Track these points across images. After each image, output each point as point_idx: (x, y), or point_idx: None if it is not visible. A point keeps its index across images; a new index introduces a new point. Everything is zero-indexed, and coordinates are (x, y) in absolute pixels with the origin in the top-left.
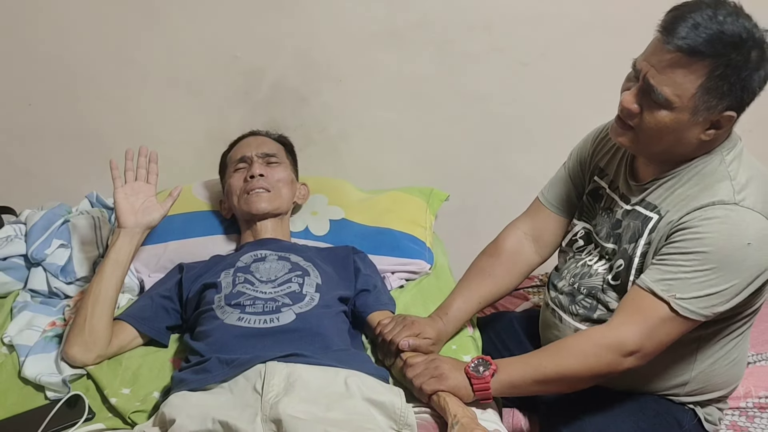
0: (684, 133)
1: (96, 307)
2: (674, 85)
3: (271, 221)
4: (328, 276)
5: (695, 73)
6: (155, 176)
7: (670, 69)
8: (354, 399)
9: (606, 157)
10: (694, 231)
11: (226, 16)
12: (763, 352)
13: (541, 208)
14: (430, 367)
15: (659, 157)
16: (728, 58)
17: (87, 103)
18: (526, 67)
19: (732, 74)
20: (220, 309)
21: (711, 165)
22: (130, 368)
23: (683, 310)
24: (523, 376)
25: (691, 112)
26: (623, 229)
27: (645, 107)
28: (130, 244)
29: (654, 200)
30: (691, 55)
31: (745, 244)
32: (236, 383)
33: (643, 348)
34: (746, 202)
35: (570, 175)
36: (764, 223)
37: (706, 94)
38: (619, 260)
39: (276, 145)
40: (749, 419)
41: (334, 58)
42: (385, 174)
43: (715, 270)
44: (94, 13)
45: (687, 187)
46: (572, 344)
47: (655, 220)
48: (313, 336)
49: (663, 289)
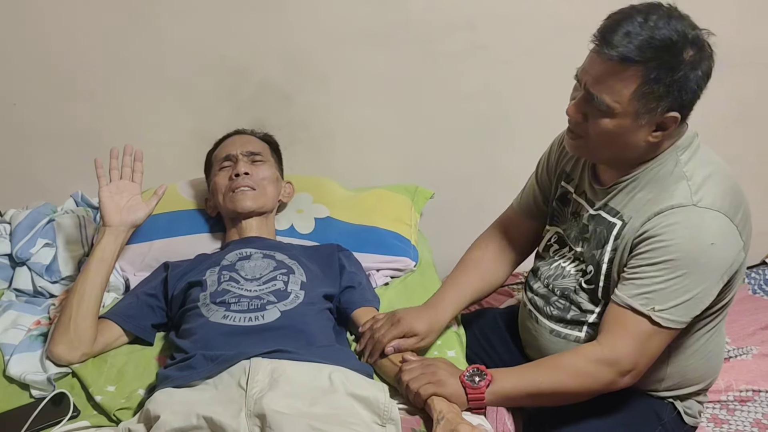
0: (630, 137)
1: (81, 305)
2: (612, 93)
3: (256, 219)
4: (313, 274)
5: (630, 79)
6: (140, 175)
7: (606, 77)
8: (338, 394)
9: (571, 162)
10: (658, 239)
11: (211, 16)
12: (743, 346)
13: (514, 214)
14: (427, 372)
15: (614, 162)
16: (660, 62)
17: (73, 103)
18: (509, 66)
19: (665, 77)
20: (206, 307)
21: (666, 167)
22: (115, 366)
23: (665, 321)
24: (518, 389)
25: (633, 117)
26: (590, 234)
27: (590, 115)
28: (115, 243)
29: (616, 205)
30: (623, 62)
31: (708, 244)
32: (221, 379)
33: (638, 366)
34: (704, 202)
35: (539, 181)
36: (724, 220)
37: (643, 98)
38: (589, 266)
39: (261, 144)
40: (730, 412)
41: (319, 58)
42: (370, 172)
43: (687, 275)
44: (80, 12)
45: (646, 192)
46: (567, 362)
47: (619, 227)
48: (298, 333)
49: (642, 304)
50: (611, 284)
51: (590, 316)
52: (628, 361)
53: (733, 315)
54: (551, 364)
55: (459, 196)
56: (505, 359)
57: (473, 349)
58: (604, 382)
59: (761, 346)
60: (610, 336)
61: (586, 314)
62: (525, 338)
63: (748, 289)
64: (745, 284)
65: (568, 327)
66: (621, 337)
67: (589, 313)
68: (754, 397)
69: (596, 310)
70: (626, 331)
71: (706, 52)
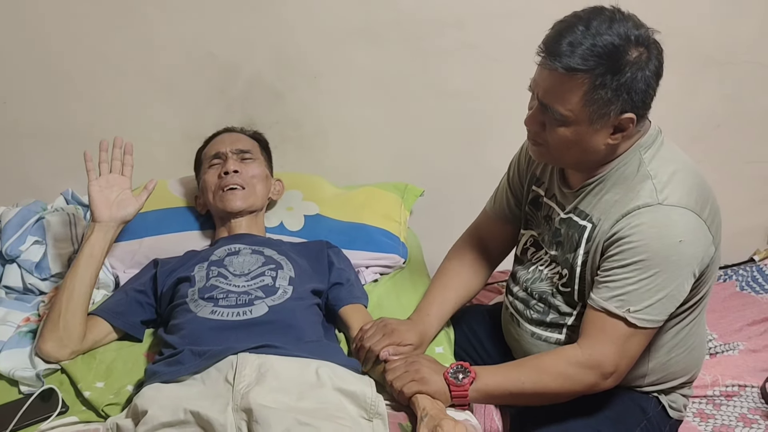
0: (588, 142)
1: (70, 302)
2: (563, 102)
3: (246, 218)
4: (302, 269)
5: (577, 88)
6: (130, 168)
7: (555, 88)
8: (325, 389)
9: (540, 165)
10: (627, 241)
11: (201, 14)
12: (730, 342)
13: (488, 218)
14: (410, 370)
15: (578, 166)
16: (604, 68)
17: (62, 101)
18: (499, 64)
19: (610, 82)
20: (194, 302)
21: (631, 167)
22: (104, 362)
23: (641, 321)
24: (502, 387)
25: (587, 123)
26: (563, 237)
27: (547, 124)
28: (104, 239)
29: (585, 208)
30: (569, 72)
31: (677, 242)
32: (208, 374)
33: (619, 367)
34: (669, 200)
35: (510, 185)
36: (691, 217)
37: (593, 104)
38: (564, 269)
39: (250, 142)
40: (716, 407)
41: (309, 56)
42: (360, 170)
43: (658, 274)
44: (70, 10)
45: (613, 193)
46: (548, 363)
47: (590, 229)
48: (286, 328)
49: (617, 306)
50: (586, 287)
51: (569, 318)
52: (609, 364)
53: (720, 311)
54: (534, 364)
55: (449, 193)
56: (493, 355)
57: (462, 345)
58: (586, 385)
59: (748, 342)
60: (589, 340)
61: (565, 317)
62: (509, 342)
63: (736, 286)
64: (732, 281)
65: (548, 330)
66: (600, 341)
67: (567, 316)
68: (740, 392)
69: (574, 312)
70: (604, 335)
71: (654, 49)
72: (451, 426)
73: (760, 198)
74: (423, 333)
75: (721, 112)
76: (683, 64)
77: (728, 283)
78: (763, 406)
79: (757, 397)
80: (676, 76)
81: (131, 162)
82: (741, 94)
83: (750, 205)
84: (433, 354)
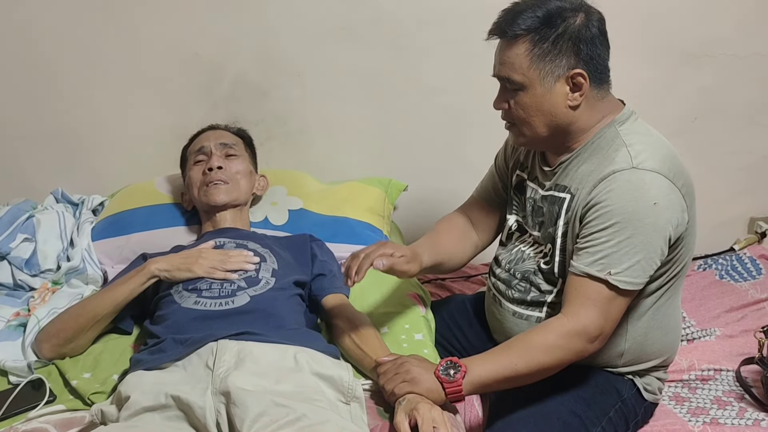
0: (548, 105)
1: (96, 325)
2: (514, 68)
3: (230, 212)
4: (285, 262)
5: (522, 49)
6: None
7: (506, 57)
8: (303, 373)
9: (524, 151)
10: (602, 205)
11: (185, 14)
12: (707, 328)
13: (475, 200)
14: (400, 371)
15: (554, 143)
16: (542, 26)
17: (51, 101)
18: (479, 58)
19: (549, 34)
20: (178, 293)
21: (606, 137)
22: (92, 354)
23: (621, 283)
24: (495, 375)
25: (539, 83)
26: (545, 214)
27: (510, 101)
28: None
29: (563, 181)
30: (514, 38)
31: (651, 204)
32: (189, 361)
33: (604, 330)
34: (644, 165)
35: (497, 170)
36: (664, 182)
37: (538, 61)
38: (547, 244)
39: (235, 138)
40: (691, 390)
41: (293, 54)
42: (345, 167)
43: (635, 235)
44: (56, 11)
45: (589, 164)
46: (538, 340)
47: (569, 200)
48: (267, 316)
49: (598, 270)
50: (567, 258)
51: (549, 296)
52: (594, 328)
53: (699, 299)
54: (523, 344)
55: (433, 188)
56: (473, 343)
57: (442, 334)
58: (576, 351)
59: (725, 328)
60: (573, 306)
61: (545, 294)
62: (491, 323)
63: (716, 275)
64: (712, 270)
65: (530, 308)
66: (583, 306)
67: (548, 294)
68: (716, 375)
69: (554, 290)
70: (587, 299)
71: (593, 13)
72: (427, 409)
73: (740, 189)
74: (415, 253)
75: (698, 104)
76: (660, 59)
77: (708, 272)
78: (737, 389)
79: (732, 381)
80: (654, 70)
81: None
82: (718, 86)
83: (730, 195)
84: (413, 341)
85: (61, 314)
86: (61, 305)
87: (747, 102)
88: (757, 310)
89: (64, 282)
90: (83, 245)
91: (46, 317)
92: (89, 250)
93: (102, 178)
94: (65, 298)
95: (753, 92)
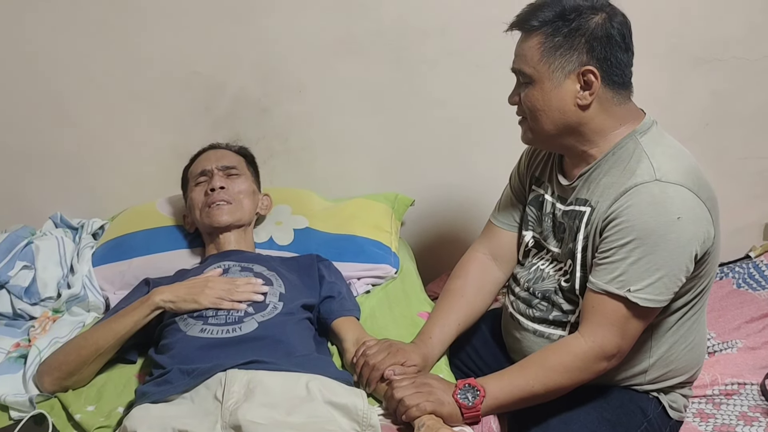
0: (556, 100)
1: (99, 358)
2: (526, 61)
3: (234, 233)
4: (292, 284)
5: (535, 42)
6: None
7: (519, 50)
8: (315, 402)
9: (540, 166)
10: (623, 220)
11: (183, 31)
12: (728, 340)
13: (495, 228)
14: (423, 390)
15: (564, 143)
16: (559, 19)
17: (49, 124)
18: (483, 70)
19: (563, 27)
20: (183, 321)
21: (627, 149)
22: (95, 386)
23: (642, 301)
24: (512, 396)
25: (549, 77)
26: (565, 230)
27: (521, 94)
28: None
29: (584, 195)
30: (529, 30)
31: (674, 219)
32: (197, 393)
33: (621, 348)
34: (668, 177)
35: (514, 192)
36: (688, 194)
37: (549, 55)
38: (567, 261)
39: (236, 157)
40: (716, 406)
41: (294, 69)
42: (349, 182)
43: (657, 252)
44: (55, 34)
45: (610, 176)
46: (554, 360)
47: (588, 213)
48: (276, 343)
49: (617, 288)
50: (587, 274)
51: (572, 316)
52: (611, 347)
53: (718, 310)
54: (539, 365)
55: (440, 202)
56: (489, 363)
57: (457, 353)
58: (593, 371)
59: (746, 340)
60: (590, 326)
61: (568, 314)
62: (509, 342)
63: (733, 284)
64: (729, 279)
65: (552, 327)
66: (601, 325)
67: (570, 314)
68: (740, 390)
69: (577, 310)
70: (605, 318)
71: (616, 15)
72: None
73: (754, 194)
74: (426, 355)
75: (710, 110)
76: (671, 64)
77: (725, 281)
78: (763, 404)
79: (757, 395)
80: (665, 76)
81: None
82: (729, 90)
83: (744, 201)
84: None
85: (63, 346)
86: (62, 334)
87: (758, 106)
88: None
89: (65, 310)
90: (84, 271)
91: (48, 348)
92: (90, 277)
93: (102, 200)
94: (66, 326)
95: (764, 96)
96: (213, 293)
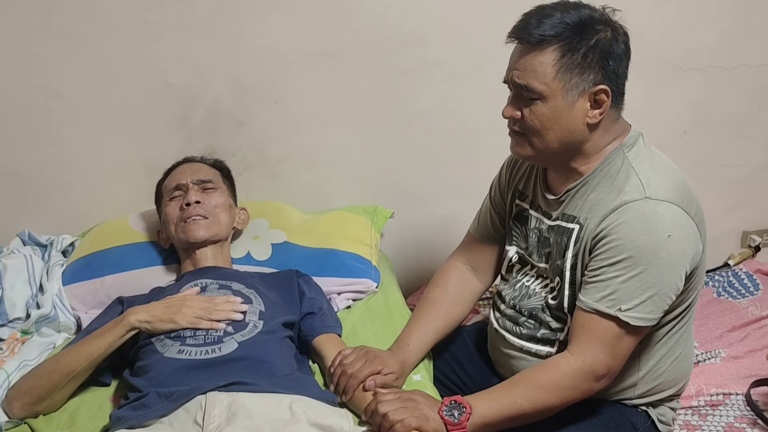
0: (567, 119)
1: (71, 381)
2: (537, 76)
3: (210, 248)
4: (272, 302)
5: (549, 58)
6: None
7: (528, 63)
8: (300, 424)
9: (523, 179)
10: (613, 238)
11: (156, 44)
12: (712, 350)
13: (474, 241)
14: (408, 405)
15: (561, 161)
16: (574, 35)
17: (16, 140)
18: (462, 80)
19: (581, 45)
20: (160, 342)
21: (614, 165)
22: (67, 410)
23: (632, 320)
24: (499, 415)
25: (562, 95)
26: (552, 245)
27: (524, 109)
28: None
29: (572, 211)
30: (541, 43)
31: (665, 237)
32: (176, 417)
33: (611, 368)
34: (657, 194)
35: (493, 204)
36: (678, 211)
37: (566, 72)
38: (555, 278)
39: (212, 171)
40: (702, 418)
41: (269, 81)
42: (327, 195)
43: (647, 270)
44: (17, 46)
45: (598, 192)
46: (543, 379)
47: (577, 230)
48: (257, 363)
49: (607, 306)
50: (576, 293)
51: (560, 334)
52: (601, 367)
53: (700, 319)
54: (527, 383)
55: (419, 213)
56: (474, 378)
57: (441, 369)
58: (583, 391)
59: (729, 349)
60: (580, 345)
61: (557, 332)
62: (496, 358)
63: (713, 292)
64: (709, 287)
65: (540, 344)
66: (591, 344)
67: (559, 332)
68: (725, 400)
69: (565, 328)
70: (595, 337)
71: (619, 28)
72: None
73: (732, 202)
74: (403, 362)
75: (687, 118)
76: (648, 74)
77: (705, 289)
78: (749, 414)
79: (742, 405)
80: (642, 86)
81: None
82: (706, 99)
83: (723, 209)
84: (411, 382)
85: (33, 370)
86: (31, 357)
87: (736, 114)
88: (759, 329)
89: (35, 331)
90: (54, 290)
91: (17, 371)
92: (60, 296)
93: (72, 216)
94: (36, 348)
95: (741, 104)
96: (191, 312)
